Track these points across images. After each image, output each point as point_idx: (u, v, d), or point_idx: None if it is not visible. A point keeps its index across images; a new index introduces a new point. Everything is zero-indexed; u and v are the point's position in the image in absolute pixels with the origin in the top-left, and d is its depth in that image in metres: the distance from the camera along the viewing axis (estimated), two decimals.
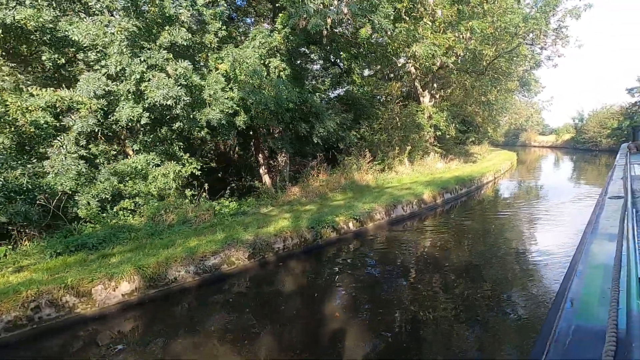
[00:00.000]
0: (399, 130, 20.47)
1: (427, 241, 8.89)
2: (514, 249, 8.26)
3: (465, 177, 15.80)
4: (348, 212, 9.24)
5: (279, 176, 13.48)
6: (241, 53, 9.15)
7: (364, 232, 9.37)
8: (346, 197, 12.07)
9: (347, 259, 7.80)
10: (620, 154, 8.99)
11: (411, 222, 10.59)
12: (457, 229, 9.86)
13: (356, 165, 14.70)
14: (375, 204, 10.21)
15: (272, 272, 7.03)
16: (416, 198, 11.62)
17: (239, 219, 9.43)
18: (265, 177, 13.08)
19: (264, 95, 9.29)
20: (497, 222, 10.82)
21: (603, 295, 1.59)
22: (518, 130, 67.37)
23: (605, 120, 38.78)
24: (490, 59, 19.93)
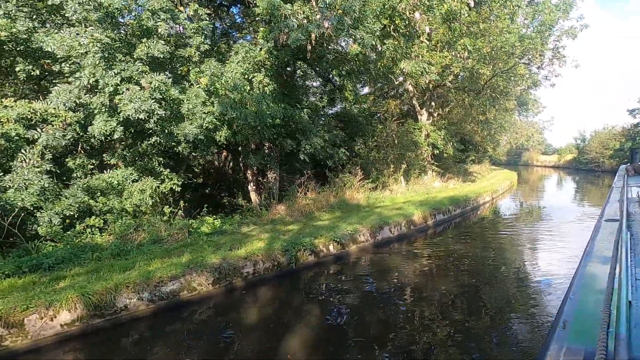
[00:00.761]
0: (395, 148, 20.02)
1: (412, 266, 8.25)
2: (506, 277, 7.60)
3: (460, 198, 15.18)
4: (329, 234, 8.66)
5: (268, 193, 12.96)
6: (220, 67, 8.78)
7: (346, 255, 8.76)
8: (333, 216, 11.50)
9: (323, 286, 7.18)
10: (618, 175, 8.78)
11: (398, 245, 9.96)
12: (445, 254, 9.21)
13: (347, 184, 14.16)
14: (360, 225, 9.62)
15: (237, 300, 6.42)
16: (405, 219, 11.01)
17: (215, 238, 8.87)
18: (252, 194, 12.56)
19: (244, 111, 8.87)
20: (490, 246, 10.16)
21: (595, 317, 1.61)
22: (520, 150, 66.73)
23: (608, 141, 38.13)
24: (488, 78, 19.58)
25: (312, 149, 11.16)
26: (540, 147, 66.86)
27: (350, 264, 8.43)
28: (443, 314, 5.77)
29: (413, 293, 6.68)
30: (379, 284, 7.22)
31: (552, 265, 8.17)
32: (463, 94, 22.36)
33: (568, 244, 9.78)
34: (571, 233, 11.46)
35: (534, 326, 5.36)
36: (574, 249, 8.96)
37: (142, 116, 7.77)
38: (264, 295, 6.67)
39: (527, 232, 11.92)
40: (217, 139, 9.43)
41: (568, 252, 8.98)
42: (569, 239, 10.56)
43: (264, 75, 9.96)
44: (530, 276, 7.64)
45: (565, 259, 8.50)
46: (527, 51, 16.37)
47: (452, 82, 22.74)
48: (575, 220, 13.78)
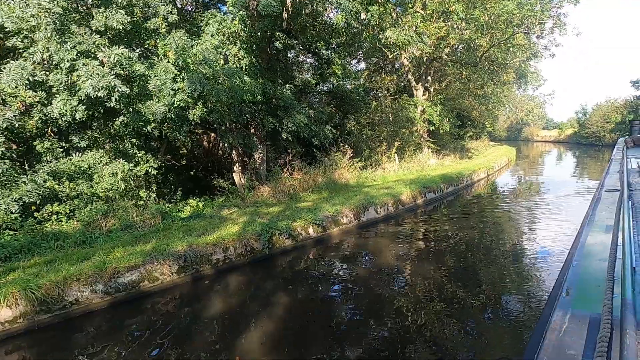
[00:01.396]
0: (389, 125, 19.31)
1: (394, 249, 7.78)
2: (496, 259, 7.13)
3: (453, 175, 14.60)
4: (309, 216, 8.16)
5: (254, 174, 12.39)
6: (186, 39, 8.04)
7: (327, 238, 8.29)
8: (319, 197, 10.99)
9: (296, 273, 6.72)
10: (617, 148, 8.78)
11: (385, 226, 9.48)
12: (433, 235, 8.73)
13: (337, 163, 13.57)
14: (343, 206, 9.11)
15: (203, 290, 5.98)
16: (393, 198, 10.49)
17: (190, 223, 8.39)
18: (236, 175, 12.01)
19: (216, 87, 8.19)
20: (480, 225, 9.66)
21: (598, 284, 1.61)
22: (520, 125, 65.57)
23: (609, 114, 37.07)
24: (485, 49, 18.61)
25: (294, 127, 10.52)
26: (541, 122, 65.64)
27: (331, 247, 7.96)
28: (423, 303, 5.32)
29: (392, 279, 6.23)
30: (357, 269, 6.76)
31: (546, 243, 7.70)
32: (460, 67, 21.39)
33: (564, 221, 9.29)
34: (568, 207, 10.96)
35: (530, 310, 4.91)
36: (569, 227, 8.47)
37: (101, 94, 7.12)
38: (233, 284, 6.22)
39: (521, 209, 11.42)
40: (190, 118, 8.79)
41: (563, 229, 8.49)
42: (566, 213, 10.06)
43: (238, 48, 9.22)
44: (523, 255, 7.18)
45: (559, 236, 8.02)
46: (526, 19, 15.37)
47: (449, 55, 21.77)
48: (573, 194, 13.26)
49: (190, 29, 10.44)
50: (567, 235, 7.84)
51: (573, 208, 10.78)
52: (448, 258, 7.19)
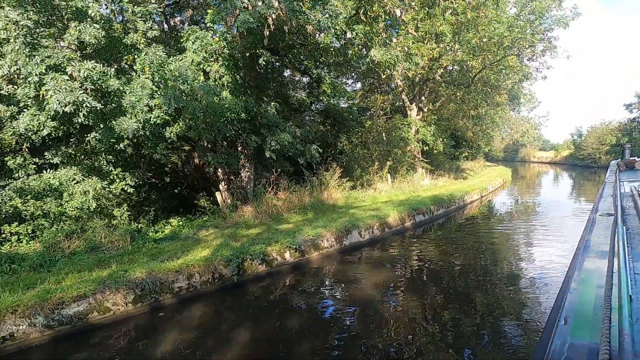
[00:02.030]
0: (381, 144, 19.01)
1: (377, 276, 7.25)
2: (485, 291, 6.60)
3: (445, 196, 14.16)
4: (286, 240, 7.66)
5: (241, 193, 11.93)
6: (161, 55, 7.75)
7: (305, 263, 7.77)
8: (303, 218, 10.52)
9: (269, 302, 6.18)
10: (610, 171, 8.69)
11: (369, 250, 8.96)
12: (417, 261, 8.22)
13: (323, 183, 13.16)
14: (324, 229, 8.63)
15: (161, 321, 5.44)
16: (379, 221, 10.01)
17: (162, 245, 7.90)
18: (219, 194, 11.56)
19: (192, 104, 7.85)
20: (468, 251, 9.14)
21: (595, 312, 1.60)
22: (517, 146, 65.58)
23: (604, 136, 36.95)
24: (477, 71, 18.51)
25: (278, 146, 10.14)
26: (537, 143, 65.73)
27: (308, 273, 7.43)
28: (403, 343, 4.78)
29: (371, 312, 5.69)
30: (335, 299, 6.23)
31: (540, 269, 7.18)
32: (454, 88, 21.29)
33: (559, 247, 8.78)
34: (563, 231, 10.46)
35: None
36: (564, 254, 7.97)
37: (68, 109, 6.76)
38: (195, 315, 5.68)
39: (515, 232, 10.91)
40: (167, 136, 8.41)
41: (558, 255, 7.99)
42: (560, 239, 9.56)
43: (219, 65, 8.94)
44: (515, 283, 6.65)
45: (553, 262, 7.51)
46: (517, 41, 15.27)
47: (442, 76, 21.72)
48: (569, 216, 12.76)
49: (175, 45, 10.23)
50: (562, 263, 7.34)
51: (568, 232, 10.29)
52: (433, 287, 6.66)
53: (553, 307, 1.99)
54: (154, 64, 7.78)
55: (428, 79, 21.72)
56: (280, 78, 14.89)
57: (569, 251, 7.36)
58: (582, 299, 1.80)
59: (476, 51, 17.50)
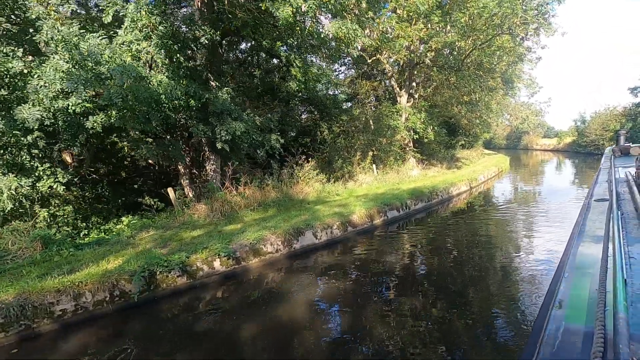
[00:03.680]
0: (366, 133, 17.67)
1: (325, 287, 6.08)
2: (455, 311, 5.39)
3: (426, 189, 12.84)
4: (216, 246, 6.49)
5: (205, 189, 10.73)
6: (73, 32, 6.52)
7: (241, 273, 6.61)
8: (261, 216, 9.35)
9: (180, 325, 5.04)
10: (605, 157, 8.52)
11: (324, 255, 7.77)
12: (376, 268, 7.00)
13: (291, 176, 11.95)
14: (269, 230, 7.43)
15: (30, 353, 4.33)
16: (341, 219, 8.79)
17: (80, 253, 6.79)
18: (171, 190, 10.39)
19: (113, 89, 6.63)
20: (440, 255, 7.90)
21: (590, 297, 1.60)
22: (520, 133, 63.27)
23: (608, 122, 34.96)
24: (467, 52, 16.96)
25: (229, 136, 8.91)
26: (541, 130, 63.47)
27: (242, 285, 6.28)
28: None
29: (309, 336, 4.53)
30: (268, 318, 5.06)
31: (525, 273, 5.95)
32: (446, 72, 19.73)
33: (551, 249, 7.52)
34: (559, 237, 9.16)
35: None
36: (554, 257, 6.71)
37: None
38: (77, 346, 4.56)
39: (500, 230, 9.63)
40: (89, 126, 7.22)
41: (547, 273, 6.73)
42: (554, 255, 8.28)
43: (151, 44, 7.68)
44: (497, 302, 5.43)
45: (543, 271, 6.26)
46: (507, 18, 13.71)
47: (433, 60, 20.16)
48: (568, 204, 11.41)
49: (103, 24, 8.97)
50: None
51: (564, 235, 9.00)
52: (392, 303, 5.46)
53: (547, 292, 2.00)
54: (66, 43, 6.55)
55: (418, 63, 20.21)
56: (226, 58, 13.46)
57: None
58: (576, 284, 1.81)
59: (466, 31, 15.96)
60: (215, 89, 9.43)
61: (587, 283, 1.76)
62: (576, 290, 1.71)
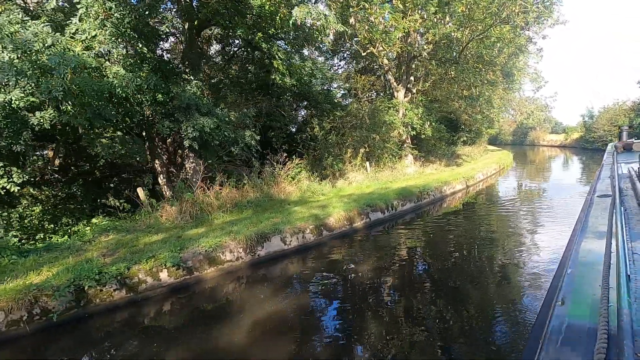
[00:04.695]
0: (359, 130, 16.83)
1: (277, 304, 5.36)
2: (434, 329, 4.63)
3: (416, 189, 12.01)
4: (163, 255, 5.80)
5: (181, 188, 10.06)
6: (10, 18, 5.85)
7: (193, 284, 5.92)
8: (235, 218, 8.66)
9: (102, 349, 4.37)
10: (607, 153, 8.50)
11: (291, 262, 7.04)
12: (349, 278, 6.25)
13: (272, 174, 11.23)
14: (229, 236, 6.72)
15: None
16: (316, 223, 8.05)
17: (22, 261, 6.15)
18: (140, 190, 9.73)
19: (48, 81, 5.95)
20: (422, 267, 7.12)
21: (593, 293, 1.56)
22: (526, 129, 61.62)
23: (616, 117, 33.51)
24: (464, 44, 15.99)
25: (195, 133, 8.20)
26: (548, 126, 61.77)
27: (189, 300, 5.58)
28: None
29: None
30: (213, 339, 4.36)
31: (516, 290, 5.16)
32: (445, 66, 18.74)
33: (543, 261, 6.70)
34: (556, 245, 8.31)
35: None
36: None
37: None
38: None
39: (492, 235, 8.80)
40: (34, 122, 6.56)
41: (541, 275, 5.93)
42: (548, 253, 7.45)
43: (103, 33, 6.98)
44: (481, 326, 4.67)
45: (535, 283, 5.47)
46: (504, 5, 12.73)
47: (430, 53, 19.21)
48: (571, 202, 10.51)
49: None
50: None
51: (563, 243, 8.15)
52: (365, 322, 4.72)
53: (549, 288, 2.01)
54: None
55: (415, 56, 19.28)
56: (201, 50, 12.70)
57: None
58: (580, 280, 1.75)
59: (463, 22, 15.00)
60: (184, 82, 8.73)
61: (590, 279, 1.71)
62: (579, 287, 1.67)
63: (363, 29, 14.82)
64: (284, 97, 16.34)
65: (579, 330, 1.30)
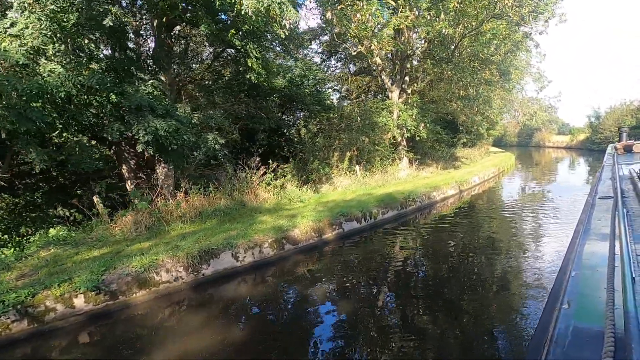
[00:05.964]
0: (348, 132, 15.94)
1: (218, 335, 4.50)
2: None
3: (401, 195, 11.08)
4: (80, 278, 4.99)
5: (135, 195, 9.33)
6: None
7: (117, 311, 5.09)
8: (194, 229, 7.85)
9: None
10: (608, 154, 8.32)
11: (250, 280, 6.18)
12: (303, 305, 5.38)
13: (244, 180, 10.40)
14: (166, 254, 5.88)
15: None
16: (277, 235, 7.18)
17: None
18: (96, 198, 8.99)
19: None
20: (394, 288, 6.21)
21: (599, 295, 1.54)
22: (531, 130, 60.03)
23: (623, 118, 32.08)
24: (457, 41, 15.03)
25: (149, 137, 7.41)
26: (554, 127, 60.13)
27: (109, 332, 4.75)
28: None
29: None
30: None
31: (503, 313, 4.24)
32: (443, 65, 17.77)
33: (537, 286, 5.76)
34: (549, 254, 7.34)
35: None
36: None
37: None
38: None
39: (478, 250, 7.86)
40: None
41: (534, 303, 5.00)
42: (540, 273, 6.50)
43: (37, 27, 6.24)
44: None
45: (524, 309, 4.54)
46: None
47: (425, 52, 18.29)
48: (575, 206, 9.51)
49: None
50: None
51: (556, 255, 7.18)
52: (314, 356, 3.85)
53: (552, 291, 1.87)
54: None
55: (409, 55, 18.37)
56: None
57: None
58: (584, 282, 1.71)
59: (456, 18, 14.07)
60: (139, 81, 7.97)
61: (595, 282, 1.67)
62: (584, 289, 1.63)
63: (342, 24, 14.03)
64: (270, 99, 15.55)
65: (586, 333, 1.28)
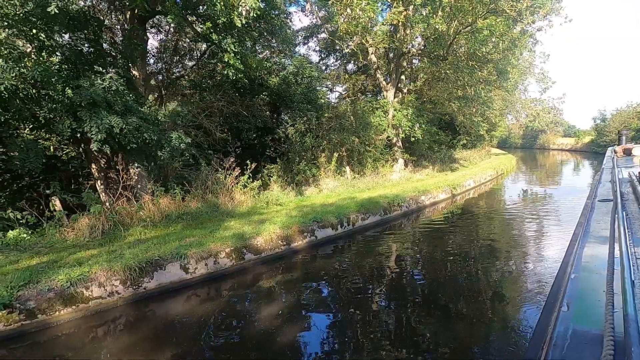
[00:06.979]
0: (339, 132, 15.26)
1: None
2: None
3: (384, 199, 10.37)
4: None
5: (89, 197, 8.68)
6: None
7: (35, 333, 4.47)
8: (155, 234, 7.24)
9: None
10: (607, 157, 8.37)
11: (202, 293, 5.55)
12: (256, 327, 4.73)
13: (217, 182, 9.78)
14: (100, 266, 5.26)
15: None
16: (237, 244, 6.53)
17: None
18: (56, 199, 8.44)
19: None
20: (362, 309, 5.53)
21: (598, 298, 1.54)
22: (536, 132, 58.82)
23: (629, 120, 31.00)
24: (452, 38, 14.27)
25: (102, 134, 6.80)
26: (559, 129, 58.88)
27: (25, 354, 4.14)
28: None
29: None
30: None
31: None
32: (435, 63, 17.03)
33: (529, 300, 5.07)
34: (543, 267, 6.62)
35: None
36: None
37: None
38: None
39: (462, 261, 7.15)
40: None
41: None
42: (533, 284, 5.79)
43: None
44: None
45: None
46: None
47: (420, 49, 17.54)
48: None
49: None
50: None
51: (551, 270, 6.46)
52: None
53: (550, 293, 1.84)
54: None
55: (404, 53, 17.63)
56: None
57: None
58: (584, 285, 1.70)
59: (450, 13, 13.34)
60: (97, 75, 7.38)
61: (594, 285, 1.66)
62: (583, 292, 1.62)
63: (333, 20, 13.37)
64: (258, 97, 14.94)
65: (585, 336, 1.27)
